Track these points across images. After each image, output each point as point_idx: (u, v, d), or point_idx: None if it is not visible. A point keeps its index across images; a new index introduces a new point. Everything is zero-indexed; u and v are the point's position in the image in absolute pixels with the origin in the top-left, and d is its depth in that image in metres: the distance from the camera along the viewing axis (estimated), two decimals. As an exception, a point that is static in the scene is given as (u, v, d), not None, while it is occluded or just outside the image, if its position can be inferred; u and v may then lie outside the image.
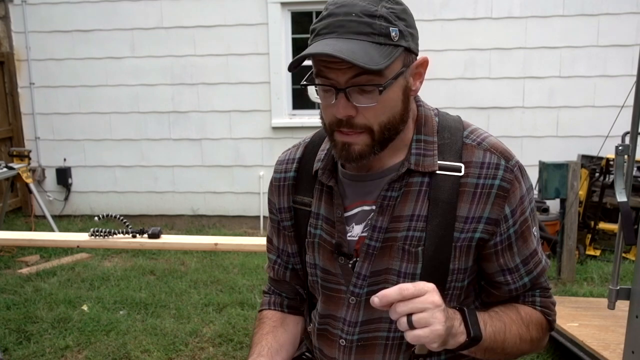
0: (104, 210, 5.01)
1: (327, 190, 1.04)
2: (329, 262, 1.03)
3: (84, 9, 5.06)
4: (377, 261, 0.98)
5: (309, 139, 1.15)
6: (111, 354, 2.77)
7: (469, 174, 0.95)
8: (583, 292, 3.49)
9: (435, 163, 0.95)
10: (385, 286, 0.95)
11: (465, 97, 4.75)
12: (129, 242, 2.17)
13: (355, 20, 0.86)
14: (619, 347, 1.99)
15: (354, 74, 0.86)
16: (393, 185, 0.96)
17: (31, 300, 3.37)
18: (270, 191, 1.17)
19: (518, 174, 0.97)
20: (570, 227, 3.63)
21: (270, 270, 1.19)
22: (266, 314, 1.18)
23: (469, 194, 0.94)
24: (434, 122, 1.00)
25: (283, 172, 1.14)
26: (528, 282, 1.02)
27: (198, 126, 5.13)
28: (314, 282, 1.07)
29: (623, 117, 2.25)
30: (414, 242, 0.95)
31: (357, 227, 1.00)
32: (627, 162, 1.48)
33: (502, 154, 0.97)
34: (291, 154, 1.16)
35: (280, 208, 1.13)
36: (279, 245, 1.16)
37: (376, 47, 0.85)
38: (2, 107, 5.28)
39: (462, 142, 0.97)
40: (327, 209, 1.03)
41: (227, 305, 3.32)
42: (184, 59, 5.03)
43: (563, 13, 4.55)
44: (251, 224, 5.21)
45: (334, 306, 1.04)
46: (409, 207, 0.96)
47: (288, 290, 1.18)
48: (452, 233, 0.94)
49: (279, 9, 4.87)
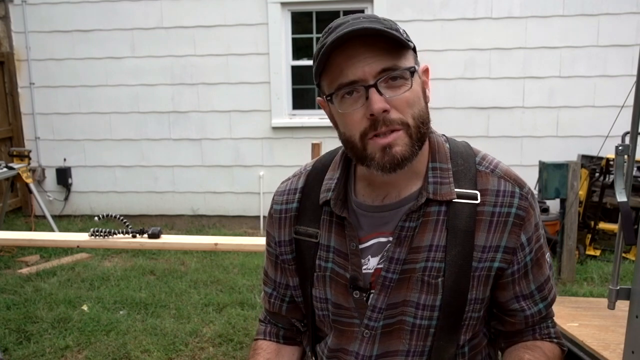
0: (104, 210, 5.01)
1: (337, 222, 0.99)
2: (342, 297, 0.99)
3: (84, 9, 5.07)
4: (394, 293, 0.95)
5: (310, 167, 1.09)
6: (111, 354, 2.77)
7: (485, 202, 0.94)
8: (583, 292, 3.49)
9: (452, 191, 0.93)
10: (402, 319, 0.95)
11: (465, 97, 4.75)
12: (129, 242, 2.17)
13: (366, 20, 0.87)
14: (619, 347, 1.98)
15: (381, 66, 0.85)
16: (411, 216, 0.93)
17: (31, 300, 3.37)
18: (269, 223, 1.11)
19: (532, 201, 0.96)
20: (570, 227, 3.63)
21: (267, 303, 1.16)
22: (261, 345, 1.15)
23: (485, 223, 0.93)
24: (445, 148, 0.98)
25: (284, 204, 1.08)
26: (543, 309, 1.01)
27: (198, 126, 5.13)
28: (324, 317, 1.03)
29: (623, 117, 2.25)
30: (434, 273, 0.93)
31: (373, 259, 0.97)
32: (627, 162, 1.48)
33: (515, 182, 0.96)
34: (292, 184, 1.09)
35: (280, 241, 1.07)
36: (275, 278, 1.12)
37: (395, 32, 0.86)
38: (2, 107, 5.28)
39: (476, 169, 0.96)
40: (339, 241, 0.99)
41: (227, 305, 3.32)
42: (184, 59, 5.03)
43: (563, 13, 4.55)
44: (251, 224, 5.21)
45: (345, 340, 1.01)
46: (427, 238, 0.93)
47: (284, 322, 1.15)
48: (471, 263, 0.93)
49: (279, 9, 4.87)
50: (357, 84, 0.86)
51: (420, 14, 4.66)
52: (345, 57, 0.85)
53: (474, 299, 0.94)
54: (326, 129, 4.77)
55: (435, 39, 4.66)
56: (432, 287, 0.93)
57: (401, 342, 0.96)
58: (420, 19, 4.64)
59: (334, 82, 0.88)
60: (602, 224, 4.20)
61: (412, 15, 4.63)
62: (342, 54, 0.85)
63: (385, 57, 0.85)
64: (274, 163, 5.04)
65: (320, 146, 2.55)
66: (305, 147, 2.90)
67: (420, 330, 0.94)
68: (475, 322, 0.98)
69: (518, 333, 1.04)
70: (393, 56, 0.85)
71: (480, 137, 4.72)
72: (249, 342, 2.89)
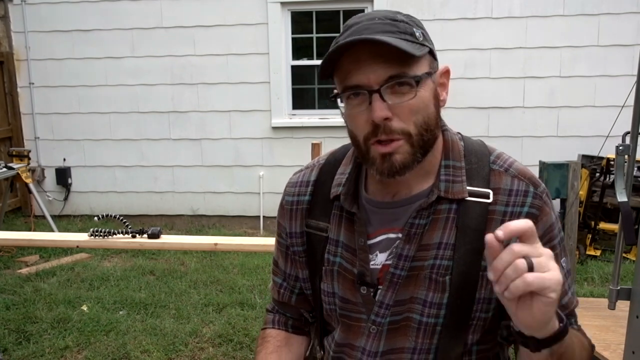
0: (103, 210, 5.01)
1: (347, 217, 0.99)
2: (349, 292, 0.99)
3: (84, 9, 5.06)
4: (401, 290, 0.95)
5: (324, 159, 1.09)
6: (111, 354, 2.77)
7: (497, 201, 0.93)
8: (583, 292, 3.49)
9: (464, 189, 0.93)
10: (408, 316, 0.94)
11: (466, 97, 4.74)
12: (128, 242, 2.16)
13: (380, 23, 0.85)
14: (619, 347, 1.98)
15: (387, 74, 0.84)
16: (421, 213, 0.93)
17: (31, 300, 3.37)
18: (281, 214, 1.10)
19: (547, 200, 0.95)
20: (571, 227, 3.62)
21: (276, 293, 1.15)
22: (270, 333, 1.15)
23: (497, 222, 0.91)
24: (459, 146, 0.98)
25: (296, 196, 1.07)
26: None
27: (198, 126, 5.13)
28: (331, 311, 1.03)
29: (623, 117, 2.24)
30: (442, 271, 0.92)
31: (381, 255, 0.96)
32: (627, 162, 1.47)
33: (530, 180, 0.95)
34: (305, 175, 1.08)
35: (291, 233, 1.07)
36: (285, 269, 1.12)
37: (405, 42, 0.84)
38: (2, 107, 5.28)
39: (489, 168, 0.96)
40: (348, 236, 0.99)
41: (227, 306, 3.32)
42: (184, 59, 5.03)
43: (563, 13, 4.55)
44: (251, 224, 5.21)
45: (352, 335, 1.01)
46: (436, 235, 0.93)
47: (293, 312, 1.15)
48: (480, 261, 0.91)
49: (278, 9, 4.86)
50: (361, 89, 0.85)
51: (420, 13, 4.65)
52: (352, 61, 0.85)
53: (482, 298, 0.93)
54: (326, 128, 4.77)
55: (435, 39, 4.54)
56: (440, 285, 0.92)
57: (407, 339, 0.96)
58: (420, 19, 4.48)
59: (341, 83, 0.88)
60: (602, 224, 4.20)
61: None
62: (350, 57, 0.85)
63: (393, 65, 0.84)
64: (274, 163, 5.03)
65: (320, 146, 2.54)
66: (305, 147, 2.90)
67: (427, 328, 0.94)
68: (482, 322, 0.96)
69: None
70: (402, 63, 0.84)
71: (480, 137, 4.59)
72: (249, 342, 2.89)
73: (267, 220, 5.11)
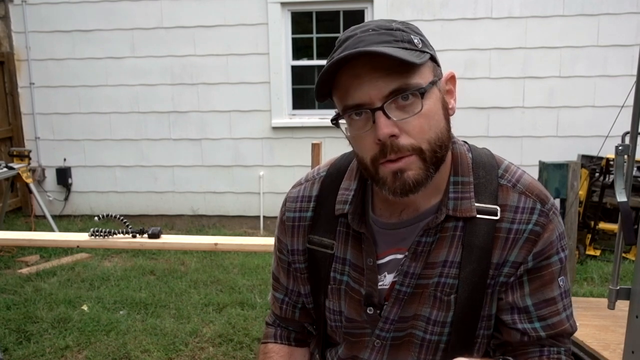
0: (104, 210, 5.01)
1: (355, 235, 0.96)
2: (355, 311, 0.98)
3: (84, 9, 5.07)
4: (406, 307, 0.94)
5: (324, 172, 1.04)
6: (111, 354, 2.77)
7: (504, 218, 0.90)
8: (583, 292, 3.49)
9: (472, 207, 0.90)
10: (412, 332, 0.94)
11: (465, 97, 4.74)
12: (129, 242, 2.17)
13: (375, 33, 0.81)
14: (619, 347, 1.98)
15: (389, 88, 0.79)
16: (429, 232, 0.91)
17: (31, 300, 3.37)
18: (281, 230, 1.06)
19: (553, 218, 0.91)
20: (570, 227, 3.63)
21: (277, 309, 1.13)
22: (272, 348, 1.12)
23: (502, 240, 0.90)
24: (468, 159, 0.94)
25: (298, 212, 1.03)
26: (540, 330, 0.92)
27: (198, 126, 5.13)
28: (336, 328, 1.02)
29: (623, 117, 2.25)
30: (446, 290, 0.91)
31: (389, 276, 0.94)
32: (627, 162, 1.48)
33: (537, 197, 0.92)
34: (305, 190, 1.04)
35: (293, 250, 1.04)
36: (287, 285, 1.09)
37: (404, 51, 0.80)
38: (2, 107, 5.28)
39: (498, 183, 0.92)
40: (355, 255, 0.96)
41: (227, 305, 3.32)
42: (184, 58, 5.03)
43: (563, 13, 4.55)
44: (251, 224, 5.21)
45: (357, 349, 1.00)
46: (442, 253, 0.91)
47: (296, 326, 1.13)
48: (486, 280, 0.90)
49: (279, 9, 4.87)
50: (363, 107, 0.81)
51: (420, 14, 4.66)
52: (350, 77, 0.81)
53: (486, 315, 0.93)
54: (326, 129, 4.77)
55: (435, 39, 4.62)
56: (445, 304, 0.91)
57: (410, 354, 0.96)
58: (420, 19, 4.64)
59: (341, 102, 0.84)
60: (602, 224, 4.20)
61: (412, 15, 4.63)
62: (347, 73, 0.81)
63: (394, 77, 0.79)
64: (274, 163, 5.04)
65: (320, 146, 2.54)
66: (305, 147, 2.90)
67: (430, 345, 0.93)
68: (486, 340, 0.96)
69: (521, 346, 0.95)
70: (403, 74, 0.79)
71: (480, 137, 4.72)
72: (249, 342, 2.89)
73: (267, 220, 5.12)
